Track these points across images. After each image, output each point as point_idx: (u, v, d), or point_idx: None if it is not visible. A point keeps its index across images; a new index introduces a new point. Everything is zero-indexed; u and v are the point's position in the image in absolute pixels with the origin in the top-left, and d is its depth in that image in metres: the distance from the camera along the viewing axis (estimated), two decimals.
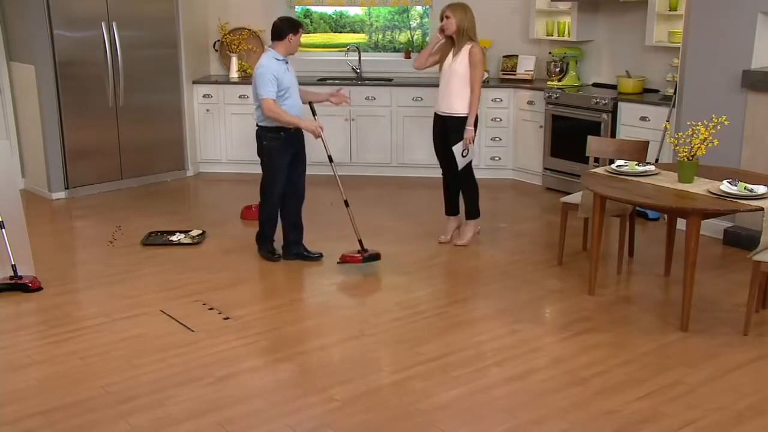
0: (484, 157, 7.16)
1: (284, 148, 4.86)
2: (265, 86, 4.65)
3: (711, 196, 3.87)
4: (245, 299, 4.38)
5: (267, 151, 4.86)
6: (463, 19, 4.99)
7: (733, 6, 5.06)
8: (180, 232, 5.48)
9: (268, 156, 4.87)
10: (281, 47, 4.78)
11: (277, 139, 4.82)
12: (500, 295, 4.44)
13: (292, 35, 4.76)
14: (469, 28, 5.02)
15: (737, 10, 5.04)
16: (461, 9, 5.03)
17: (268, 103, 4.65)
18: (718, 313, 4.16)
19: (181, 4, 7.02)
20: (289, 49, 4.80)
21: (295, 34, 4.76)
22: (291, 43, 4.79)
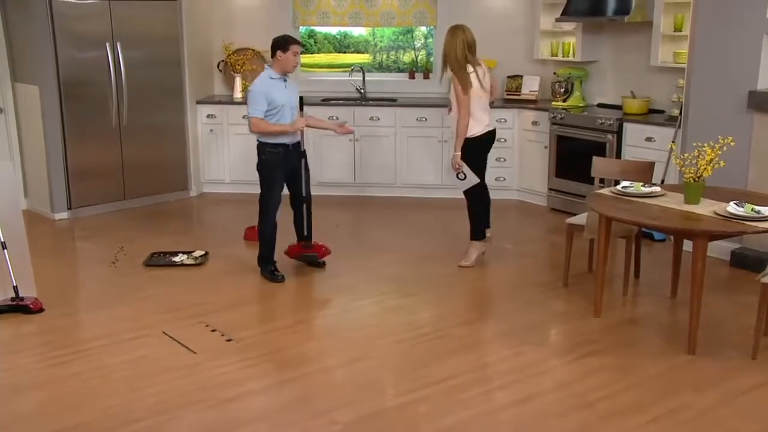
0: (488, 177, 7.14)
1: (281, 163, 4.98)
2: (252, 104, 4.83)
3: (717, 217, 3.88)
4: (248, 321, 4.39)
5: (264, 165, 5.00)
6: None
7: (738, 26, 5.10)
8: (183, 253, 5.50)
9: (266, 170, 5.00)
10: (275, 65, 4.91)
11: (275, 153, 4.96)
12: (505, 316, 4.44)
13: (280, 53, 4.84)
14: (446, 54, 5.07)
15: (743, 31, 5.08)
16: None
17: (253, 121, 4.84)
18: (726, 335, 4.15)
19: (186, 24, 7.10)
20: (282, 66, 4.88)
21: (283, 51, 4.83)
22: (281, 61, 4.86)
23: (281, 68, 4.90)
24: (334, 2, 7.66)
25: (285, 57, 4.85)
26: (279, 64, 4.89)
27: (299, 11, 7.72)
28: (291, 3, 7.68)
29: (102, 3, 6.49)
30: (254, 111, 4.83)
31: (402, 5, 7.61)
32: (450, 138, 6.87)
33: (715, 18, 5.22)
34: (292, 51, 4.86)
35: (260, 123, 4.84)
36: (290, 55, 4.85)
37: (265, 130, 4.87)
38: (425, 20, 7.67)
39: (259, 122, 4.83)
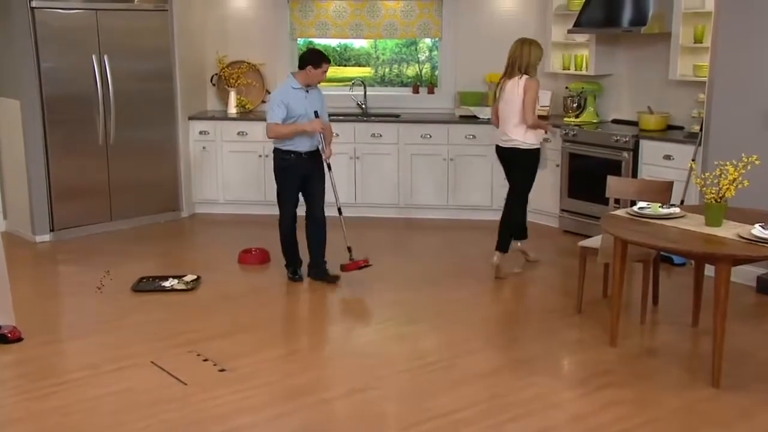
0: (496, 197, 7.20)
1: (294, 169, 5.36)
2: (271, 111, 5.25)
3: (741, 240, 3.88)
4: (242, 349, 4.38)
5: (277, 170, 5.42)
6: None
7: (763, 37, 5.13)
8: (173, 277, 5.51)
9: (279, 176, 5.43)
10: (299, 76, 5.30)
11: (285, 160, 5.35)
12: (515, 345, 4.43)
13: (311, 67, 5.23)
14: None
15: (767, 42, 5.10)
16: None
17: (269, 126, 5.24)
18: (753, 367, 4.13)
19: (177, 35, 7.16)
20: (307, 79, 5.28)
21: (315, 67, 5.23)
22: (308, 75, 5.26)
23: (306, 80, 5.28)
24: (333, 13, 7.73)
25: (314, 73, 5.25)
26: (305, 77, 5.27)
27: (297, 22, 7.78)
28: (288, 14, 7.74)
29: (88, 13, 6.54)
30: (273, 117, 5.23)
31: (405, 16, 7.67)
32: (456, 157, 6.92)
33: (738, 29, 5.26)
34: (323, 69, 5.26)
35: (273, 128, 5.23)
36: (320, 72, 5.26)
37: (280, 133, 5.25)
38: (430, 32, 7.73)
39: (272, 127, 5.23)
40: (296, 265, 5.60)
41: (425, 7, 7.64)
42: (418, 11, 7.66)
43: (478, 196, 7.22)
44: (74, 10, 6.48)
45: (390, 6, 7.66)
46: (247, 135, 7.36)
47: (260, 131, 7.26)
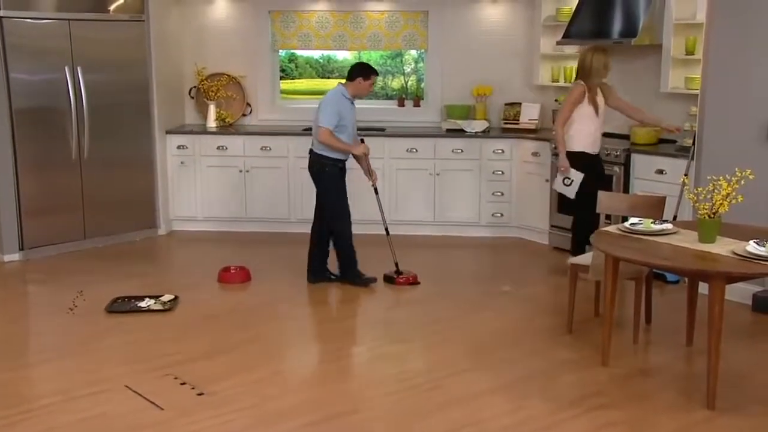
0: (484, 213, 7.23)
1: (342, 174, 5.77)
2: (325, 114, 5.56)
3: (736, 257, 3.89)
4: (222, 372, 4.35)
5: (330, 177, 5.72)
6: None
7: (756, 51, 5.19)
8: (150, 297, 5.47)
9: (332, 182, 5.73)
10: (350, 87, 5.69)
11: (337, 167, 5.74)
12: (504, 366, 4.43)
13: (361, 79, 5.64)
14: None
15: (761, 54, 5.16)
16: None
17: (326, 131, 5.53)
18: (749, 389, 4.15)
19: (154, 46, 7.16)
20: (357, 91, 5.69)
21: (365, 79, 5.65)
22: (359, 86, 5.67)
23: (355, 92, 5.68)
24: (316, 24, 7.76)
25: (364, 85, 5.66)
26: (355, 88, 5.67)
27: (279, 33, 7.80)
28: (270, 24, 7.77)
29: (60, 23, 6.53)
30: (328, 121, 5.52)
31: (390, 27, 7.72)
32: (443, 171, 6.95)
33: (731, 40, 5.32)
34: (371, 81, 5.69)
35: (330, 136, 5.53)
36: (369, 84, 5.69)
37: (334, 144, 5.57)
38: (415, 43, 7.77)
39: (329, 134, 5.53)
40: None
41: (410, 18, 7.69)
42: (404, 22, 7.70)
43: (466, 212, 7.24)
44: (46, 20, 6.47)
45: (374, 17, 7.71)
46: (227, 149, 7.35)
47: (240, 145, 7.31)
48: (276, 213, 7.39)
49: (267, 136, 7.37)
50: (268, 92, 7.90)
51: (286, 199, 7.37)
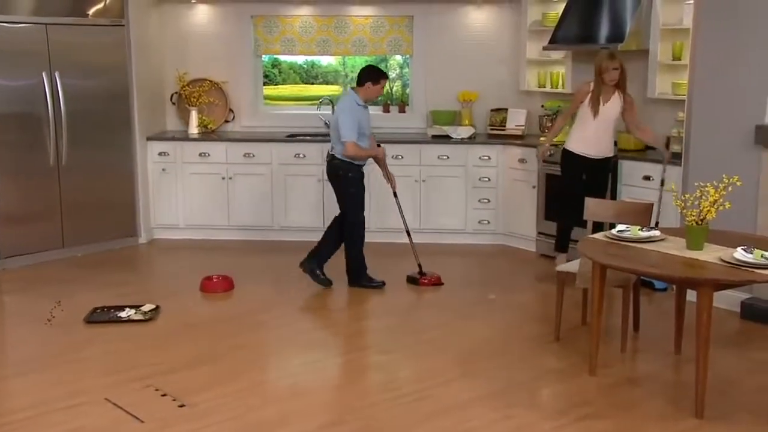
0: (470, 220, 7.24)
1: (360, 177, 5.92)
2: (347, 128, 5.66)
3: (723, 264, 3.91)
4: (204, 382, 4.33)
5: (354, 182, 5.87)
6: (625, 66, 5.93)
7: (743, 56, 5.23)
8: (130, 307, 5.44)
9: (355, 186, 5.88)
10: (360, 92, 5.76)
11: (359, 171, 5.89)
12: (491, 375, 4.43)
13: (370, 84, 5.71)
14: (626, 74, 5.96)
15: (748, 60, 5.21)
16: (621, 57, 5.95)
17: (351, 145, 5.67)
18: (738, 397, 4.16)
19: (134, 52, 7.13)
20: (367, 95, 5.77)
21: (374, 83, 5.72)
22: (368, 91, 5.75)
23: (365, 96, 5.77)
24: (299, 29, 7.76)
25: (374, 89, 5.75)
26: (365, 93, 5.75)
27: (261, 38, 7.80)
28: (252, 29, 7.76)
29: (37, 27, 6.48)
30: (351, 135, 5.66)
31: (375, 32, 7.73)
32: (428, 178, 6.95)
33: (717, 46, 5.36)
34: (381, 84, 5.76)
35: (356, 147, 5.70)
36: (379, 87, 5.76)
37: (360, 155, 5.77)
38: (400, 49, 7.79)
39: (354, 147, 5.69)
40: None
41: (395, 23, 7.71)
42: (388, 27, 7.72)
43: (452, 219, 7.25)
44: (22, 24, 6.42)
45: (359, 21, 7.72)
46: (210, 156, 7.33)
47: (223, 152, 7.30)
48: (259, 221, 7.38)
49: (250, 142, 7.35)
50: (251, 98, 7.89)
51: (269, 207, 7.35)
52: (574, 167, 6.14)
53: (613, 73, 5.85)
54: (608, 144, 6.08)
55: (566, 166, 6.21)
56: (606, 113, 5.96)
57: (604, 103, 5.94)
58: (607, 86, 5.92)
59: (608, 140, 6.07)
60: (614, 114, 5.98)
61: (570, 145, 6.14)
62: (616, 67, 5.85)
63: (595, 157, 6.06)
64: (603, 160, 6.10)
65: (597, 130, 6.00)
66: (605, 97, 5.94)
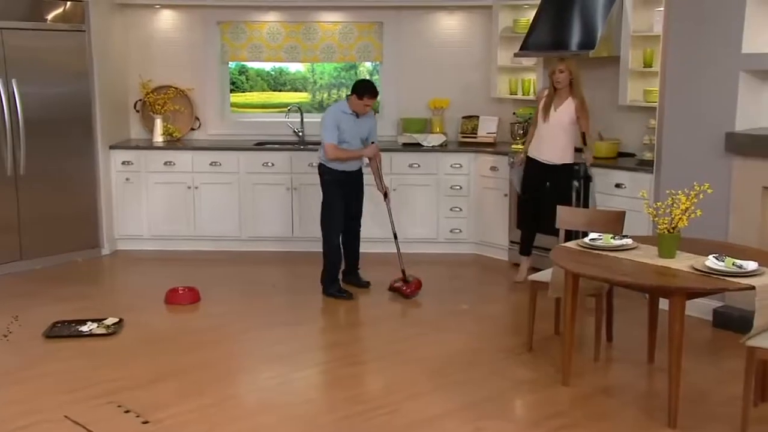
0: (442, 229, 7.25)
1: (341, 184, 5.99)
2: (325, 131, 5.86)
3: (695, 272, 3.95)
4: (169, 398, 4.28)
5: (329, 186, 6.00)
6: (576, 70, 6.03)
7: (713, 62, 5.30)
8: (92, 321, 5.37)
9: (327, 190, 6.01)
10: (350, 101, 5.92)
11: (333, 174, 5.98)
12: (462, 387, 4.43)
13: (355, 97, 5.84)
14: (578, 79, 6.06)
15: (718, 67, 5.28)
16: (574, 61, 6.10)
17: (329, 146, 5.85)
18: (711, 406, 4.20)
19: (96, 57, 7.06)
20: (353, 107, 5.90)
21: (358, 98, 5.83)
22: (353, 103, 5.88)
23: (352, 107, 5.90)
24: (267, 35, 7.74)
25: (356, 102, 5.85)
26: (351, 103, 5.90)
27: (228, 45, 7.77)
28: (219, 35, 7.73)
29: None
30: (329, 138, 5.83)
31: (344, 39, 7.74)
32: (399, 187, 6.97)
33: (687, 53, 5.43)
34: (364, 102, 5.84)
35: (335, 149, 5.85)
36: (361, 104, 5.85)
37: (341, 156, 5.90)
38: (370, 55, 7.80)
39: (333, 148, 5.85)
40: (339, 281, 6.10)
41: (365, 29, 7.72)
42: (358, 33, 7.73)
43: (424, 228, 7.26)
44: None
45: (327, 28, 7.72)
46: (175, 165, 7.28)
47: (189, 161, 7.25)
48: (226, 231, 7.33)
49: (217, 151, 7.32)
50: (217, 105, 7.85)
51: (236, 217, 7.32)
52: (528, 171, 6.31)
53: (559, 75, 5.98)
54: (564, 150, 6.13)
55: (525, 171, 6.36)
56: (558, 118, 6.06)
57: (556, 108, 6.06)
58: (561, 91, 6.03)
59: (563, 146, 6.12)
60: (566, 119, 6.06)
61: (527, 149, 6.32)
62: (562, 69, 5.97)
63: (549, 162, 6.15)
64: (560, 166, 6.15)
65: (548, 134, 6.11)
66: (558, 102, 6.06)
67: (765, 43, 5.21)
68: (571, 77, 5.98)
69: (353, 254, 6.28)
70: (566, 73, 5.97)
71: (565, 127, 6.07)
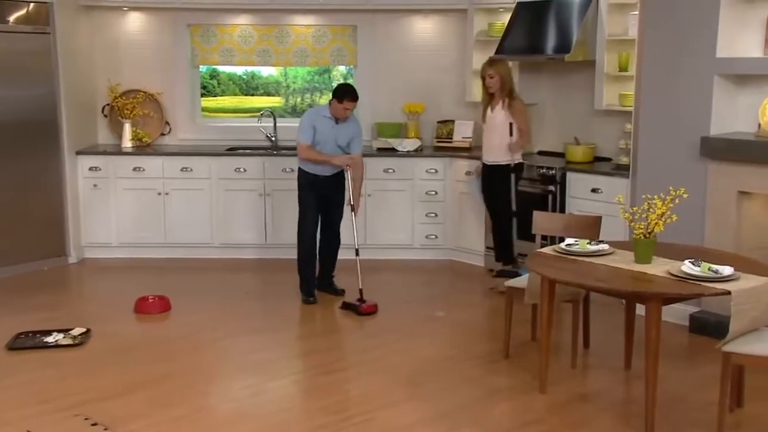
0: (417, 235, 7.27)
1: (316, 188, 6.04)
2: (301, 132, 5.94)
3: (671, 278, 3.99)
4: (138, 410, 4.25)
5: (301, 188, 6.08)
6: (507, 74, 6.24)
7: (687, 68, 5.37)
8: (58, 331, 5.31)
9: (301, 193, 6.08)
10: (331, 106, 5.95)
11: (308, 178, 6.04)
12: (438, 395, 4.44)
13: (335, 101, 5.90)
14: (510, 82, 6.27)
15: (692, 72, 5.34)
16: (505, 65, 6.29)
17: (302, 145, 5.94)
18: (688, 412, 4.24)
19: (62, 60, 6.99)
20: (333, 111, 5.94)
21: (338, 101, 5.89)
22: (333, 107, 5.93)
23: (332, 111, 5.94)
24: (239, 38, 7.72)
25: (336, 106, 5.89)
26: (331, 107, 5.94)
27: (199, 48, 7.74)
28: (189, 39, 7.70)
29: None
30: (304, 138, 5.91)
31: (317, 42, 7.74)
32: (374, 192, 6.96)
33: (663, 57, 5.49)
34: (344, 105, 5.88)
35: (307, 149, 5.92)
36: (341, 108, 5.88)
37: (313, 157, 5.93)
38: (344, 59, 7.81)
39: (306, 148, 5.92)
40: (312, 286, 6.12)
41: (338, 33, 7.73)
42: (331, 36, 7.73)
43: (399, 234, 7.26)
44: None
45: (300, 31, 7.72)
46: (145, 171, 7.24)
47: (159, 167, 7.21)
48: (197, 238, 7.30)
49: (187, 156, 7.28)
50: (188, 110, 7.82)
51: (208, 223, 7.28)
52: (482, 175, 6.60)
53: (489, 81, 6.24)
54: (498, 150, 6.34)
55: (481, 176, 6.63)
56: (493, 120, 6.31)
57: (491, 110, 6.31)
58: (495, 95, 6.27)
59: (497, 146, 6.33)
60: (500, 121, 6.27)
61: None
62: (492, 74, 6.20)
63: (488, 162, 6.43)
64: (495, 167, 6.38)
65: (487, 137, 6.41)
66: (494, 104, 6.30)
67: (739, 47, 5.29)
68: (502, 81, 6.19)
69: (329, 264, 6.29)
70: (497, 78, 6.19)
71: (498, 129, 6.28)
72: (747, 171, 5.15)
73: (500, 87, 6.21)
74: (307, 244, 6.10)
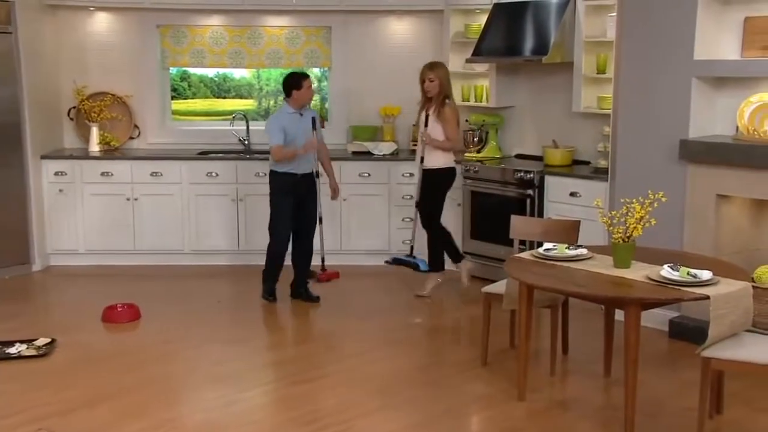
0: (395, 240, 7.26)
1: (286, 189, 6.09)
2: (271, 135, 6.01)
3: (650, 283, 4.02)
4: (105, 423, 4.21)
5: (273, 191, 6.14)
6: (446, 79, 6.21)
7: (665, 70, 5.42)
8: (21, 342, 5.26)
9: (273, 196, 6.14)
10: (291, 102, 6.07)
11: (280, 180, 6.10)
12: (414, 404, 4.44)
13: (296, 91, 6.00)
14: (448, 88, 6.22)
15: (670, 75, 5.39)
16: (445, 69, 6.28)
17: (275, 148, 5.98)
18: (667, 418, 4.27)
19: (25, 61, 6.92)
20: (299, 102, 6.06)
21: (298, 89, 6.00)
22: (299, 97, 6.03)
23: (298, 104, 6.06)
24: (210, 40, 7.70)
25: (302, 93, 6.02)
26: (295, 101, 6.04)
27: (169, 50, 7.71)
28: (158, 40, 7.66)
29: None
30: (275, 140, 5.97)
31: (290, 44, 7.73)
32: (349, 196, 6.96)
33: (640, 59, 5.54)
34: (305, 86, 6.01)
35: (281, 150, 5.96)
36: (305, 90, 6.02)
37: (286, 156, 5.98)
38: (318, 61, 7.80)
39: (279, 149, 5.96)
40: (274, 286, 6.23)
41: (312, 34, 7.72)
42: (305, 38, 7.73)
43: (375, 239, 7.26)
44: None
45: (273, 32, 7.71)
46: (113, 176, 7.19)
47: (128, 171, 7.17)
48: (168, 244, 7.25)
49: (157, 160, 7.24)
50: (157, 113, 7.77)
51: (179, 229, 7.24)
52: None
53: (428, 84, 6.19)
54: (429, 154, 6.28)
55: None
56: (429, 125, 6.25)
57: (425, 114, 6.28)
58: (433, 99, 6.21)
59: (429, 151, 6.26)
60: (431, 125, 6.22)
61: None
62: (432, 78, 6.16)
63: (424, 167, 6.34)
64: (428, 171, 6.32)
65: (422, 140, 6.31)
66: (428, 108, 6.26)
67: (717, 49, 5.35)
68: (441, 85, 6.15)
69: (302, 271, 6.33)
70: (437, 82, 6.14)
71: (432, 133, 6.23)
72: (725, 174, 5.20)
73: (438, 92, 6.16)
74: (282, 248, 6.18)
